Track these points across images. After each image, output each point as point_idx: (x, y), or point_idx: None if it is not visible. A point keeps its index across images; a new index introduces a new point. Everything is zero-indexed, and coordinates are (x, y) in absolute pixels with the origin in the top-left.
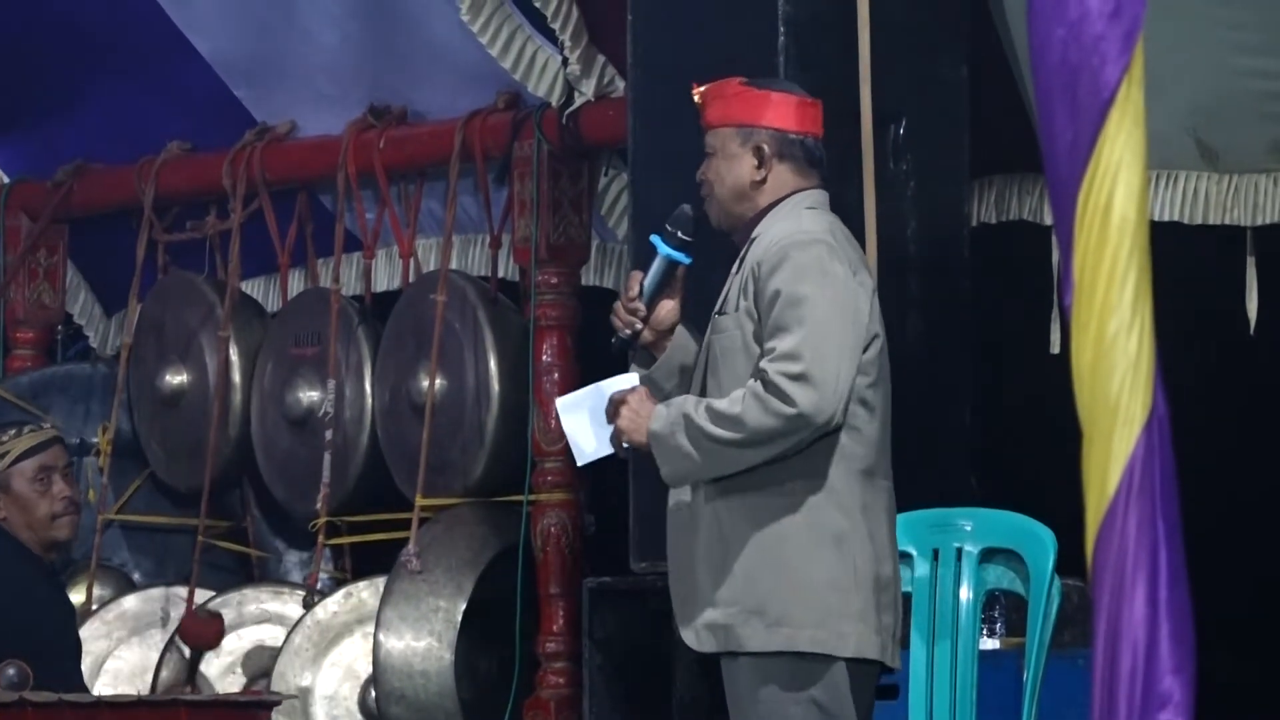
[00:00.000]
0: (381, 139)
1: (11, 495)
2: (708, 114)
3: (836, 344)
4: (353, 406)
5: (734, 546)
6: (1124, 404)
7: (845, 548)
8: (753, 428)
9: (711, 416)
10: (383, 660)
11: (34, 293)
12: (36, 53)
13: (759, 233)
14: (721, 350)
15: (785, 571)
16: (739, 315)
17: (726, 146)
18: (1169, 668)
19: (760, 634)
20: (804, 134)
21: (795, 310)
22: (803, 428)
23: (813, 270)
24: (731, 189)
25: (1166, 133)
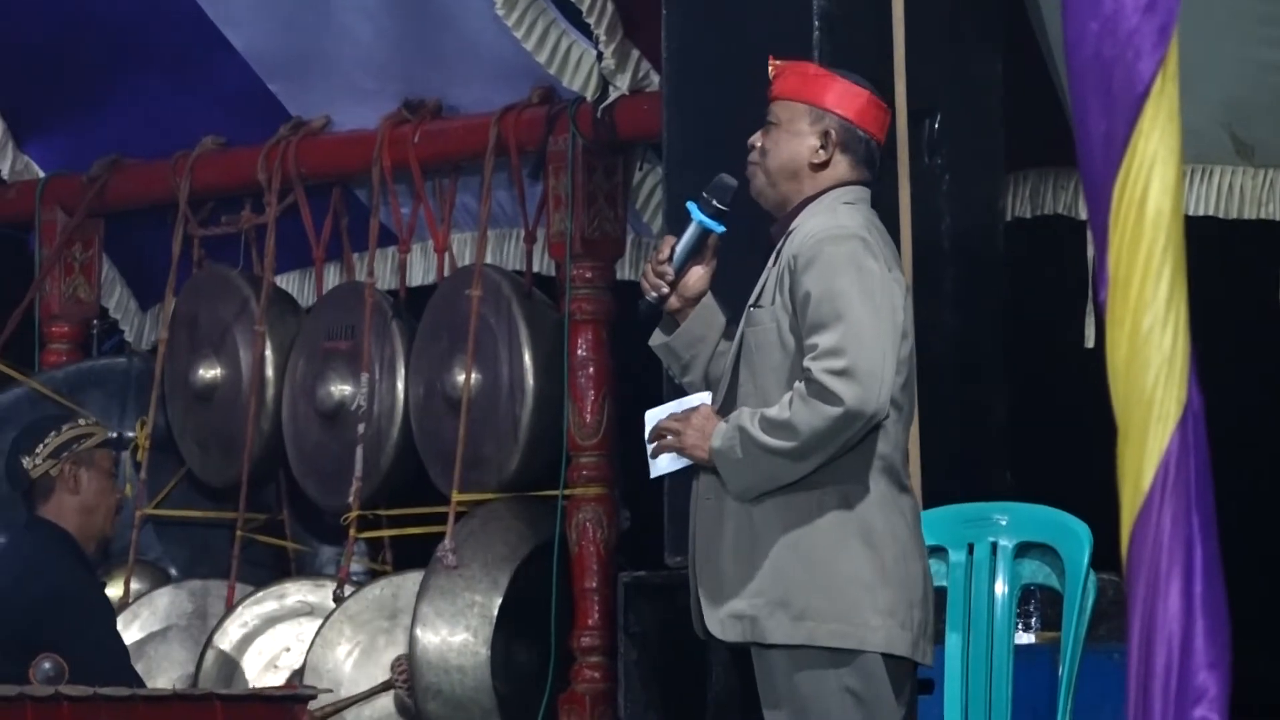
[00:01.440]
0: (416, 133)
1: (93, 475)
2: (781, 85)
3: (876, 336)
4: (385, 400)
5: (762, 539)
6: (1159, 399)
7: (873, 543)
8: (803, 430)
9: (764, 426)
10: (419, 655)
11: (69, 287)
12: (71, 47)
13: (796, 226)
14: (756, 343)
15: (812, 565)
16: (774, 309)
17: (794, 122)
18: (1204, 662)
19: (785, 626)
20: (869, 134)
21: (832, 305)
22: (853, 423)
23: (848, 265)
24: (786, 163)
25: (1201, 127)
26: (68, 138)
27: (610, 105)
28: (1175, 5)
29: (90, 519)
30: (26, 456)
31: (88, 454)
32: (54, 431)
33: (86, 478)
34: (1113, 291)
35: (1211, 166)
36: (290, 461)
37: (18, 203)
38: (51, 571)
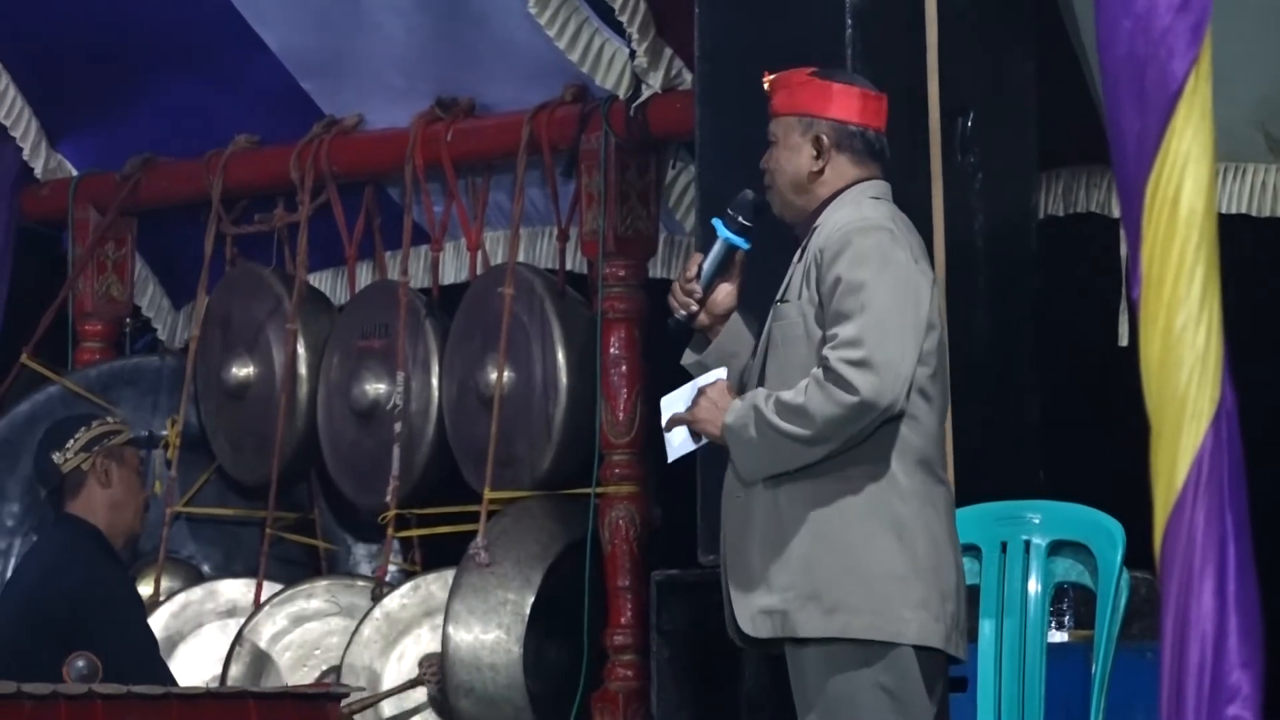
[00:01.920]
0: (449, 132)
1: (123, 471)
2: (773, 102)
3: (897, 329)
4: (419, 399)
5: (791, 532)
6: (1192, 397)
7: (905, 536)
8: (817, 416)
9: (778, 409)
10: (451, 653)
11: (102, 285)
12: (104, 46)
13: (821, 221)
14: (783, 337)
15: (843, 558)
16: (801, 303)
17: (788, 136)
18: (1238, 661)
19: (816, 620)
20: (865, 126)
21: (856, 297)
22: (866, 413)
23: (874, 256)
24: (791, 179)
25: (1234, 125)
26: (101, 136)
27: (643, 103)
28: (1208, 4)
29: (120, 515)
30: (56, 452)
31: (118, 450)
32: (84, 427)
33: (117, 473)
34: (1146, 289)
35: (1245, 165)
36: (325, 460)
37: (51, 201)
38: (81, 567)
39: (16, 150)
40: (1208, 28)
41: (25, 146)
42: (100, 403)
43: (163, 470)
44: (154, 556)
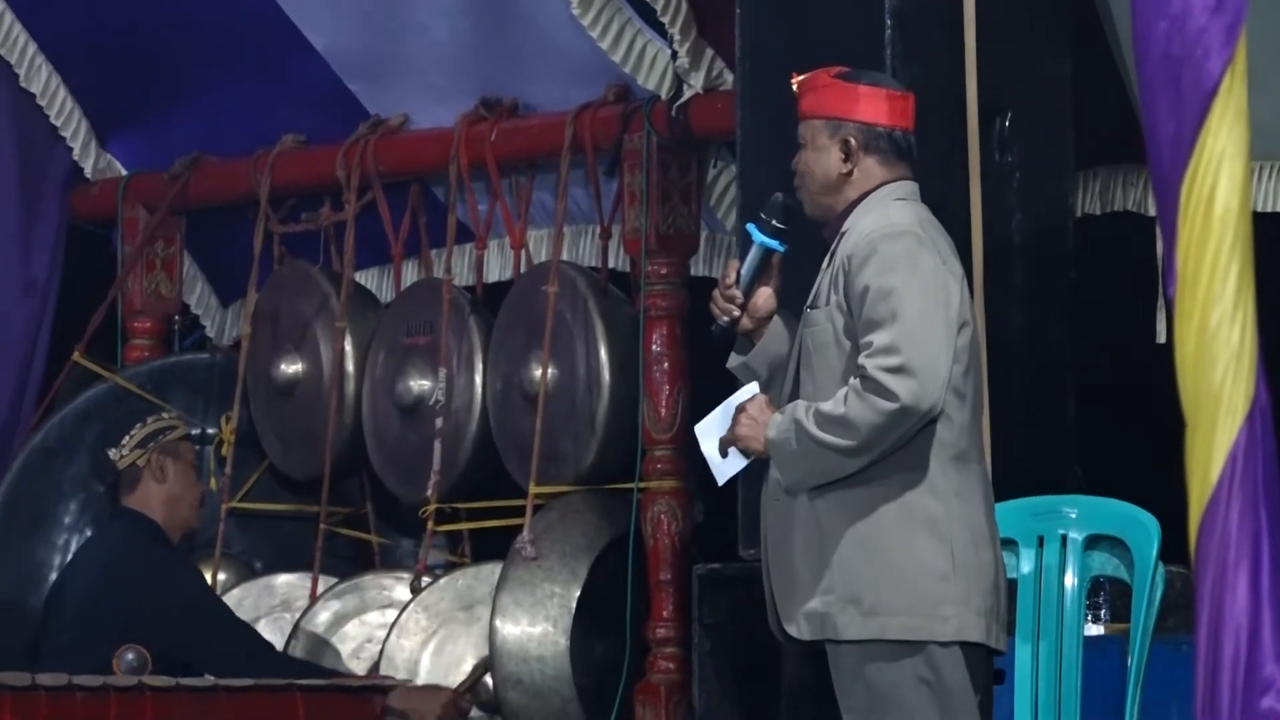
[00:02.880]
0: (493, 131)
1: (179, 466)
2: (801, 105)
3: (931, 332)
4: (463, 395)
5: (830, 537)
6: (1226, 394)
7: (941, 533)
8: (859, 425)
9: (819, 421)
10: (499, 646)
11: (151, 283)
12: (153, 47)
13: (848, 226)
14: (814, 344)
15: (880, 560)
16: (830, 309)
17: (816, 138)
18: (1272, 654)
19: (856, 622)
20: (892, 127)
21: (886, 303)
22: (907, 418)
23: (902, 262)
24: (820, 181)
25: (1269, 124)
26: (149, 136)
27: (684, 103)
28: (1243, 5)
29: (176, 509)
30: (113, 449)
31: (173, 445)
32: (139, 423)
33: (173, 468)
34: (1181, 287)
35: (1278, 164)
36: (370, 455)
37: (100, 200)
38: (142, 559)
39: (67, 150)
40: (1242, 28)
41: (75, 146)
42: (153, 399)
43: (216, 467)
44: (209, 552)
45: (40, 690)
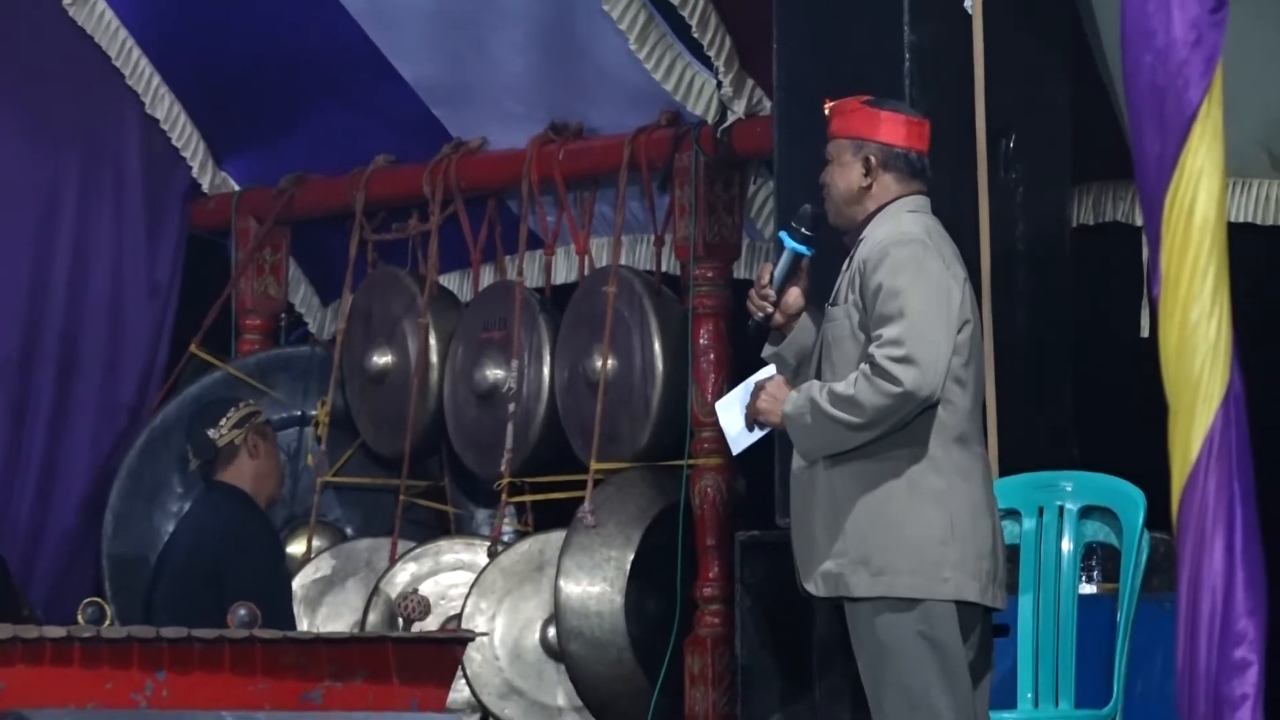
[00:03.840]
0: (560, 151)
1: (267, 445)
2: (831, 125)
3: (933, 328)
4: (532, 383)
5: (845, 507)
6: (1205, 382)
7: (943, 505)
8: (866, 405)
9: (831, 399)
10: (563, 603)
11: (261, 285)
12: (263, 78)
13: (866, 234)
14: (833, 337)
15: (888, 527)
16: (847, 307)
17: (842, 155)
18: (1244, 610)
19: (865, 581)
20: (909, 148)
21: (895, 301)
22: (909, 402)
23: (910, 266)
24: (844, 192)
25: (1242, 145)
26: (259, 156)
27: (728, 127)
28: (1219, 40)
29: (265, 482)
30: (211, 428)
31: (262, 427)
32: (233, 408)
33: (263, 447)
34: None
35: (1251, 179)
36: (450, 436)
37: (216, 213)
38: (233, 519)
39: (187, 169)
40: (1219, 61)
41: (194, 165)
42: (260, 386)
43: (314, 445)
44: (306, 520)
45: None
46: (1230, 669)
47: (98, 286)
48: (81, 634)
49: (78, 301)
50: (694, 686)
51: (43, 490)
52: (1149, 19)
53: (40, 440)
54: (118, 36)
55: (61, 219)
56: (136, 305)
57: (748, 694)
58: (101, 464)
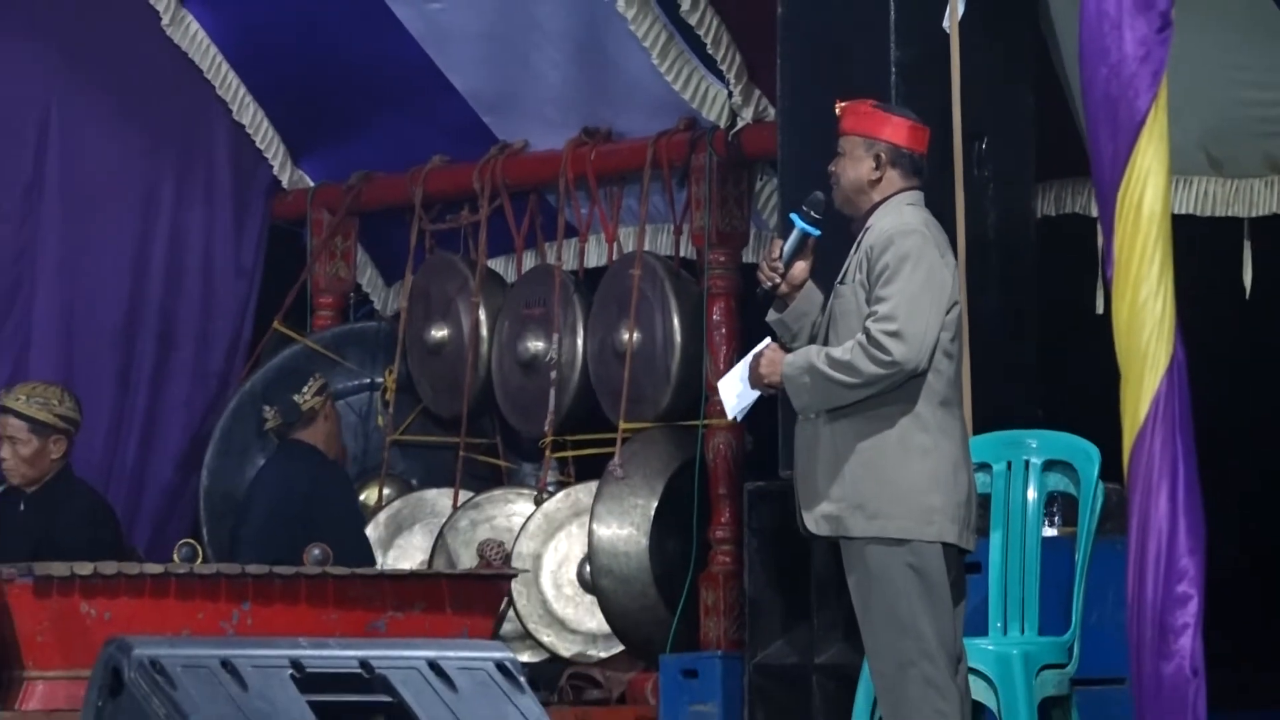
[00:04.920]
0: (592, 153)
1: (334, 412)
2: (843, 123)
3: (923, 309)
4: (568, 353)
5: (844, 457)
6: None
7: (929, 459)
8: (860, 370)
9: (829, 362)
10: (595, 544)
11: (332, 269)
12: (334, 89)
13: (871, 223)
14: (840, 311)
15: (882, 477)
16: (854, 286)
17: (854, 150)
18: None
19: (861, 523)
20: (912, 150)
21: (893, 283)
22: (896, 372)
23: (910, 253)
24: (854, 182)
25: (1185, 147)
26: (331, 156)
27: (738, 131)
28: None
29: (334, 442)
30: (296, 395)
31: (332, 396)
32: (311, 378)
33: (334, 413)
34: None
35: (1191, 177)
36: (498, 400)
37: (294, 205)
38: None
39: (269, 167)
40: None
41: (275, 164)
42: (334, 357)
43: (382, 408)
44: (377, 473)
45: (248, 577)
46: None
47: (191, 269)
48: (177, 570)
49: (174, 282)
50: (708, 616)
51: (144, 446)
52: (1104, 37)
53: (142, 403)
54: (209, 53)
55: (160, 211)
56: (225, 286)
57: (754, 623)
58: (194, 425)
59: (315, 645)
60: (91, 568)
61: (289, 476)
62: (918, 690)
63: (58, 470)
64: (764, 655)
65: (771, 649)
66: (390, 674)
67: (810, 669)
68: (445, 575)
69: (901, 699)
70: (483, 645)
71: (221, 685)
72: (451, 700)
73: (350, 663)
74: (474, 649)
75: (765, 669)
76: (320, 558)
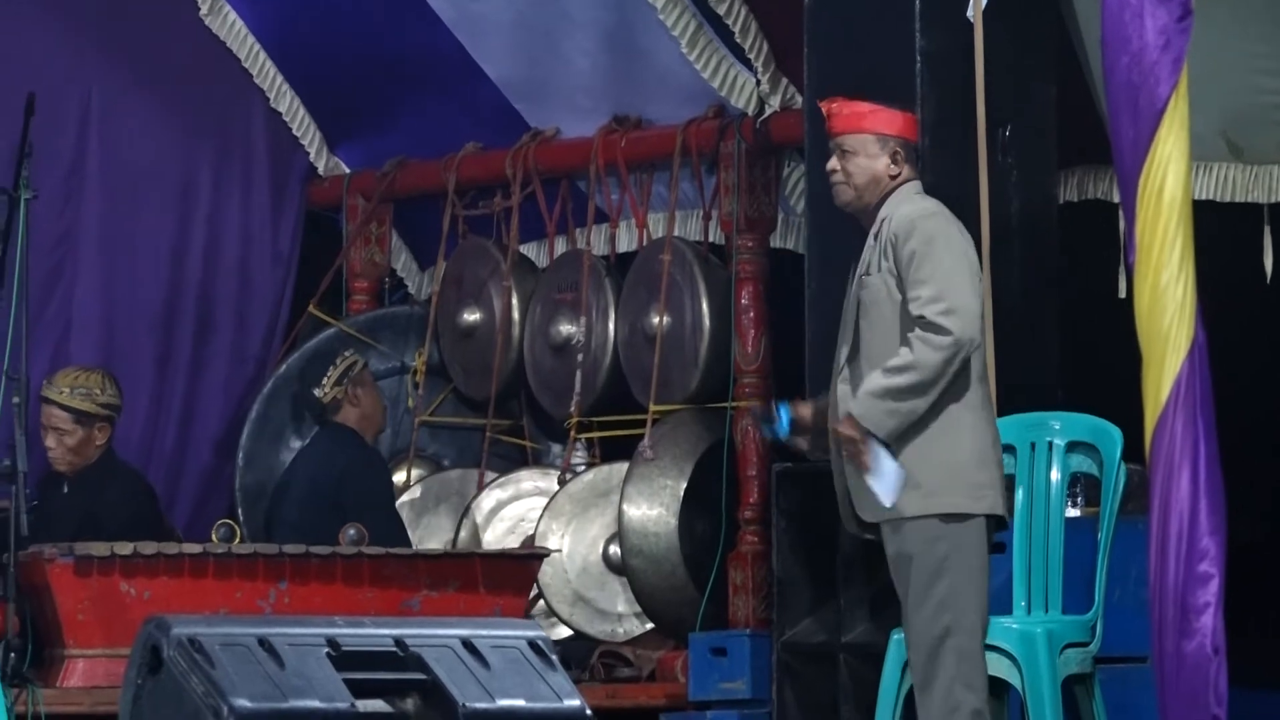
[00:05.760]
0: (623, 140)
1: (365, 390)
2: (843, 123)
3: (963, 282)
4: (598, 337)
5: (896, 442)
6: (1173, 335)
7: (975, 435)
8: (924, 363)
9: (888, 373)
10: (625, 524)
11: (368, 254)
12: (370, 77)
13: (887, 213)
14: (871, 300)
15: (934, 457)
16: (882, 274)
17: (866, 148)
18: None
19: (917, 502)
20: (913, 141)
21: (928, 264)
22: (961, 349)
23: (937, 233)
24: (870, 180)
25: (1205, 134)
26: (367, 143)
27: (766, 119)
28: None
29: (369, 421)
30: (316, 388)
31: (358, 376)
32: (331, 366)
33: (362, 392)
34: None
35: (1211, 163)
36: (529, 382)
37: (330, 192)
38: (347, 454)
39: (305, 154)
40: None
41: (311, 151)
42: (368, 340)
43: (412, 390)
44: (406, 454)
45: (285, 557)
46: (1195, 580)
47: (229, 255)
48: (215, 550)
49: (212, 268)
50: (736, 595)
51: (182, 429)
52: (1125, 26)
53: (180, 386)
54: (246, 42)
55: (198, 197)
56: (262, 271)
57: (782, 602)
58: (232, 408)
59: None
60: (131, 548)
61: (326, 460)
62: (951, 661)
63: (100, 454)
64: (792, 634)
65: (799, 628)
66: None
67: (837, 647)
68: (479, 555)
69: (935, 672)
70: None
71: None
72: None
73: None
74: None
75: (793, 647)
76: (355, 538)
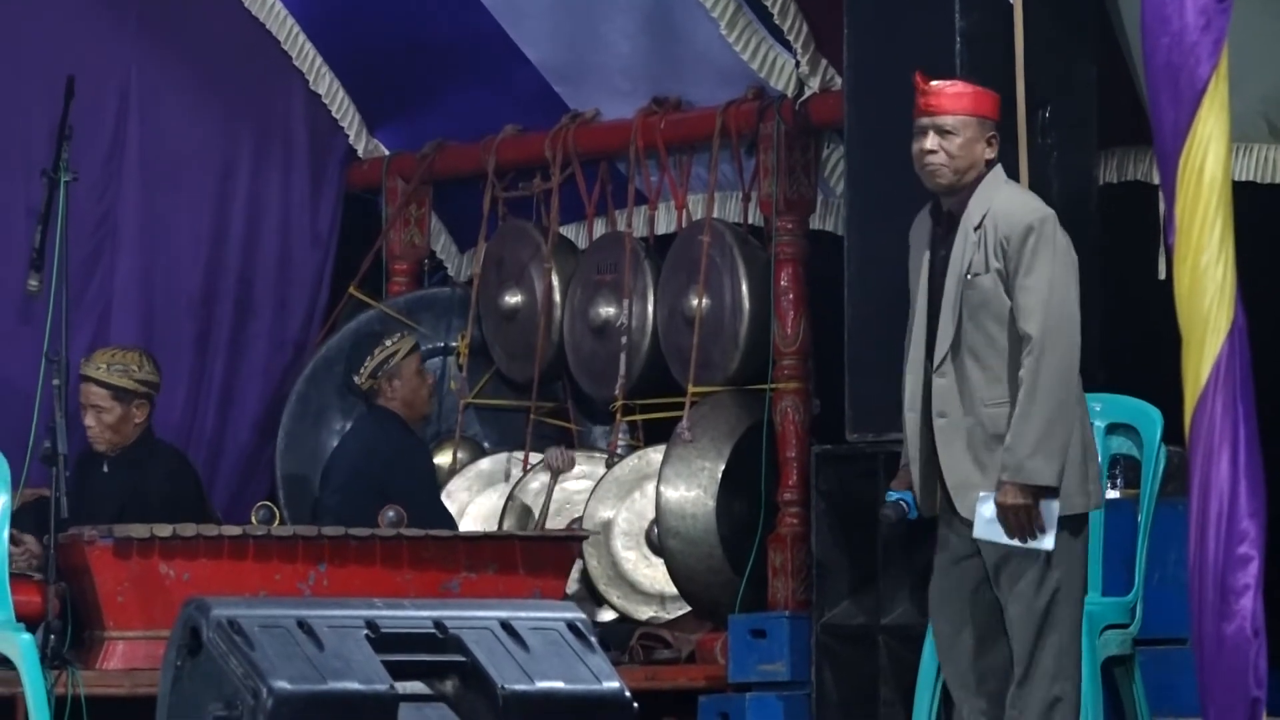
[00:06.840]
0: (662, 122)
1: (402, 379)
2: (947, 103)
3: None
4: (639, 319)
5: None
6: (1213, 317)
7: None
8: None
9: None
10: (663, 506)
11: (407, 236)
12: (409, 59)
13: (983, 204)
14: (980, 302)
15: None
16: (991, 275)
17: (965, 130)
18: (1247, 512)
19: None
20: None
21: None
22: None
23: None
24: (969, 162)
25: (1245, 115)
26: (407, 126)
27: (805, 100)
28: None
29: (412, 407)
30: (356, 376)
31: (395, 368)
32: (369, 356)
33: (399, 381)
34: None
35: (1252, 144)
36: (570, 364)
37: (369, 174)
38: (388, 438)
39: (344, 137)
40: (1225, 43)
41: (350, 134)
42: (408, 322)
43: (456, 372)
44: (451, 436)
45: (324, 539)
46: (1234, 563)
47: (269, 237)
48: (254, 532)
49: (252, 250)
50: (775, 577)
51: (222, 411)
52: (1165, 6)
53: (220, 368)
54: (285, 24)
55: (238, 180)
56: (302, 253)
57: (821, 584)
58: (272, 390)
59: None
60: (171, 530)
61: (369, 445)
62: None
63: (140, 433)
64: (831, 615)
65: (838, 609)
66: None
67: (877, 629)
68: (518, 537)
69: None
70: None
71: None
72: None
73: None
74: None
75: (832, 629)
76: (395, 519)
